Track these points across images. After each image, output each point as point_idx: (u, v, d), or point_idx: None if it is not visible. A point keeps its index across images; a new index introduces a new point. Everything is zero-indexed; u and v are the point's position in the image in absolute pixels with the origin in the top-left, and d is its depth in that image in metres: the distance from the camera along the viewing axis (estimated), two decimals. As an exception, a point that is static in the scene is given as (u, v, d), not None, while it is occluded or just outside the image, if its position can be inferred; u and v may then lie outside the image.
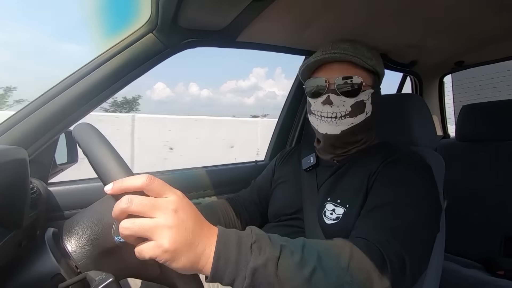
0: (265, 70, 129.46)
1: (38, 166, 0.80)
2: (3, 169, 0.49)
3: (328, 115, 0.70)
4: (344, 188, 0.69)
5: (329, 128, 0.70)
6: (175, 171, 1.10)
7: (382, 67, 0.73)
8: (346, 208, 0.65)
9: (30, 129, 0.65)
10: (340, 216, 0.65)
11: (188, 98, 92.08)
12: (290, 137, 1.36)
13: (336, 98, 0.68)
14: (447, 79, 1.78)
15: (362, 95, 0.69)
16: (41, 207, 0.72)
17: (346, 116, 0.69)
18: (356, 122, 0.69)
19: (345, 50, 0.69)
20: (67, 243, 0.47)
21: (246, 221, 0.89)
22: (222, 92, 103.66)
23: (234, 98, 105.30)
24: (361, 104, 0.69)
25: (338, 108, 0.69)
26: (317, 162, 0.79)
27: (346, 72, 0.68)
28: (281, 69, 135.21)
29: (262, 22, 0.81)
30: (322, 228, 0.66)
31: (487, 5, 0.81)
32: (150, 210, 0.35)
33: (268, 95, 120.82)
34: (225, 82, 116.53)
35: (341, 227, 0.64)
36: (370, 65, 0.69)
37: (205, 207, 0.84)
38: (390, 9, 0.82)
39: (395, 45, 1.14)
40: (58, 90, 0.68)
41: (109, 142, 0.44)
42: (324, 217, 0.67)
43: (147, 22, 0.73)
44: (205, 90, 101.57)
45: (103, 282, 0.38)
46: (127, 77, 0.75)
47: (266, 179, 0.93)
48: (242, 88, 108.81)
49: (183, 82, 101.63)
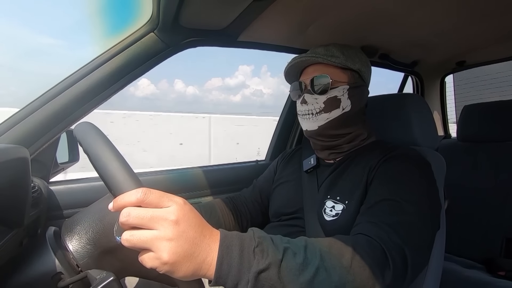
0: (251, 68, 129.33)
1: (40, 165, 0.81)
2: (5, 168, 0.49)
3: (305, 113, 0.76)
4: (343, 185, 0.70)
5: (307, 124, 0.76)
6: (175, 170, 1.11)
7: (357, 63, 0.75)
8: (345, 204, 0.66)
9: (31, 128, 0.66)
10: (339, 213, 0.66)
11: (173, 95, 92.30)
12: (290, 137, 1.36)
13: (310, 97, 0.74)
14: (448, 79, 1.77)
15: (334, 91, 0.72)
16: (42, 206, 0.73)
17: (321, 112, 0.73)
18: (332, 117, 0.73)
19: (316, 54, 0.75)
20: (69, 242, 0.47)
21: (247, 220, 0.89)
22: (207, 89, 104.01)
23: (219, 95, 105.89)
24: (334, 100, 0.73)
25: (313, 105, 0.74)
26: (318, 163, 0.80)
27: (317, 72, 0.74)
28: (266, 67, 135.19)
29: (263, 22, 0.81)
30: (322, 225, 0.67)
31: (489, 5, 0.81)
32: (148, 222, 0.35)
33: (255, 93, 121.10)
34: (210, 80, 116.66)
35: (341, 223, 0.64)
36: (337, 62, 0.73)
37: (204, 206, 0.85)
38: (390, 9, 0.82)
39: (396, 45, 1.14)
40: (60, 89, 0.68)
41: (110, 142, 0.44)
42: (324, 214, 0.68)
43: (148, 22, 0.74)
44: (191, 87, 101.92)
45: (104, 281, 0.38)
46: (128, 76, 0.75)
47: (267, 179, 0.94)
48: (229, 86, 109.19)
49: (168, 79, 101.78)
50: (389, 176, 0.63)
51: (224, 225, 0.84)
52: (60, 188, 0.86)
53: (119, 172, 0.40)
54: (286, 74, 0.82)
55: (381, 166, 0.65)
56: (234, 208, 0.89)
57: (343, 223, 0.64)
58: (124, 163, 0.41)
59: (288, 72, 0.81)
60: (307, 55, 0.75)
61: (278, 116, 1.38)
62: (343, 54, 0.74)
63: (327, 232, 0.66)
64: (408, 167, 0.64)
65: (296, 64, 0.77)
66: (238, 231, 0.91)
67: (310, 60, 0.75)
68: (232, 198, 0.92)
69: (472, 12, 0.86)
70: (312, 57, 0.74)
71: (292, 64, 0.77)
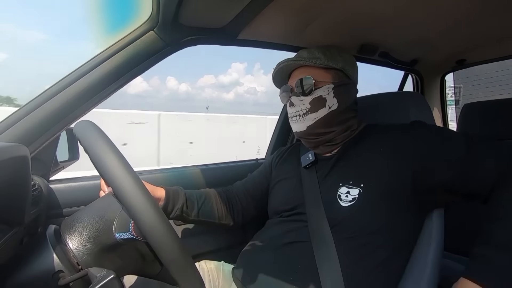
0: (244, 65, 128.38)
1: (40, 164, 0.81)
2: (5, 166, 0.49)
3: (293, 115, 0.78)
4: (353, 171, 0.71)
5: (296, 126, 0.78)
6: (175, 169, 1.11)
7: (339, 62, 0.78)
8: (361, 187, 0.67)
9: (31, 126, 0.65)
10: (356, 197, 0.67)
11: (166, 92, 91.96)
12: (290, 136, 1.36)
13: (296, 99, 0.77)
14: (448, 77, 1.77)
15: (318, 91, 0.75)
16: (42, 204, 0.73)
17: (308, 112, 0.76)
18: (319, 117, 0.75)
19: (299, 57, 0.79)
20: (69, 240, 0.47)
21: (238, 211, 0.92)
22: (200, 87, 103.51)
23: (213, 93, 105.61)
24: (319, 99, 0.75)
25: (300, 107, 0.76)
26: (316, 159, 0.80)
27: (302, 75, 0.77)
28: (260, 65, 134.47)
29: (263, 20, 0.81)
30: (340, 212, 0.68)
31: (489, 3, 0.81)
32: None
33: (249, 90, 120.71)
34: (202, 77, 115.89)
35: (360, 206, 0.66)
36: (319, 63, 0.76)
37: (197, 193, 0.86)
38: (390, 8, 0.82)
39: (396, 44, 1.13)
40: (60, 87, 0.68)
41: (110, 140, 0.44)
42: (340, 201, 0.68)
43: (148, 20, 0.73)
44: (183, 85, 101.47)
45: (104, 278, 0.39)
46: (128, 75, 0.75)
47: (262, 174, 0.96)
48: (223, 84, 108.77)
49: (160, 76, 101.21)
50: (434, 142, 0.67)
51: (217, 214, 0.87)
52: (60, 187, 0.86)
53: (119, 170, 0.40)
54: (273, 79, 0.85)
55: (412, 142, 0.68)
56: (228, 198, 0.91)
57: (362, 206, 0.66)
58: (124, 161, 0.42)
59: (276, 77, 0.84)
60: (291, 59, 0.79)
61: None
62: (324, 55, 0.77)
63: (346, 217, 0.67)
64: (431, 129, 0.70)
65: (281, 69, 0.81)
66: (230, 220, 0.92)
67: (294, 64, 0.78)
68: (226, 190, 0.94)
69: (472, 10, 0.85)
70: (295, 61, 0.78)
71: (277, 69, 0.81)
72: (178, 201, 0.79)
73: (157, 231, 0.38)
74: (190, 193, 0.84)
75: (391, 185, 0.66)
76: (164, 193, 0.78)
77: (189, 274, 0.40)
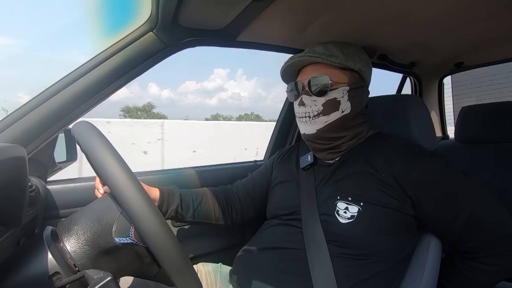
0: (226, 71, 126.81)
1: (37, 164, 0.80)
2: (2, 167, 0.49)
3: (302, 115, 0.73)
4: (352, 185, 0.69)
5: (305, 128, 0.73)
6: (172, 170, 1.10)
7: (358, 63, 0.73)
8: (361, 206, 0.65)
9: (29, 127, 0.65)
10: (355, 215, 0.65)
11: (148, 99, 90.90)
12: (289, 137, 1.36)
13: (308, 98, 0.71)
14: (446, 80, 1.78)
15: (333, 93, 0.70)
16: (39, 205, 0.72)
17: (319, 115, 0.70)
18: (331, 120, 0.71)
19: (314, 53, 0.72)
20: (66, 243, 0.47)
21: (237, 211, 0.89)
22: (182, 92, 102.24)
23: (195, 99, 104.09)
24: (333, 102, 0.70)
25: (311, 108, 0.71)
26: (315, 161, 0.79)
27: (316, 73, 0.71)
28: (242, 70, 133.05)
29: (262, 22, 0.81)
30: (337, 227, 0.66)
31: (487, 6, 0.81)
32: None
33: (233, 96, 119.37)
34: (184, 83, 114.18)
35: (359, 225, 0.64)
36: (337, 62, 0.70)
37: (194, 193, 0.84)
38: (389, 10, 0.82)
39: (395, 46, 1.14)
40: (58, 88, 0.68)
41: (108, 141, 0.43)
42: (338, 216, 0.66)
43: (147, 21, 0.73)
44: (166, 91, 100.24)
45: (101, 281, 0.38)
46: (126, 76, 0.75)
47: (262, 174, 0.94)
48: (207, 89, 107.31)
49: (142, 82, 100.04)
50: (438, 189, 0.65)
51: (214, 215, 0.84)
52: (58, 188, 0.86)
53: (117, 171, 0.40)
54: (282, 73, 0.79)
55: (419, 176, 0.65)
56: (226, 198, 0.89)
57: (363, 226, 0.64)
58: (122, 162, 0.41)
59: (285, 72, 0.78)
60: (306, 54, 0.72)
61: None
62: (343, 53, 0.72)
63: (345, 234, 0.65)
64: (446, 170, 0.67)
65: (293, 64, 0.74)
66: (228, 221, 0.89)
67: (309, 59, 0.72)
68: (225, 188, 0.92)
69: (470, 14, 0.86)
70: (311, 57, 0.71)
71: (289, 64, 0.74)
72: (172, 202, 0.77)
73: (160, 239, 0.39)
74: (186, 193, 0.82)
75: (390, 206, 0.64)
76: (159, 194, 0.75)
77: (188, 279, 0.40)
